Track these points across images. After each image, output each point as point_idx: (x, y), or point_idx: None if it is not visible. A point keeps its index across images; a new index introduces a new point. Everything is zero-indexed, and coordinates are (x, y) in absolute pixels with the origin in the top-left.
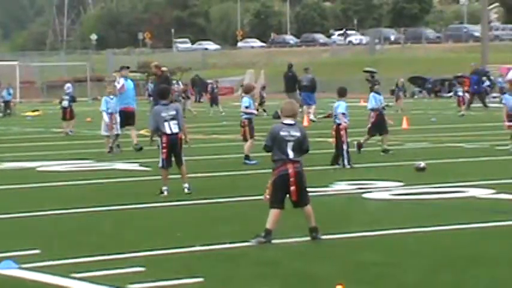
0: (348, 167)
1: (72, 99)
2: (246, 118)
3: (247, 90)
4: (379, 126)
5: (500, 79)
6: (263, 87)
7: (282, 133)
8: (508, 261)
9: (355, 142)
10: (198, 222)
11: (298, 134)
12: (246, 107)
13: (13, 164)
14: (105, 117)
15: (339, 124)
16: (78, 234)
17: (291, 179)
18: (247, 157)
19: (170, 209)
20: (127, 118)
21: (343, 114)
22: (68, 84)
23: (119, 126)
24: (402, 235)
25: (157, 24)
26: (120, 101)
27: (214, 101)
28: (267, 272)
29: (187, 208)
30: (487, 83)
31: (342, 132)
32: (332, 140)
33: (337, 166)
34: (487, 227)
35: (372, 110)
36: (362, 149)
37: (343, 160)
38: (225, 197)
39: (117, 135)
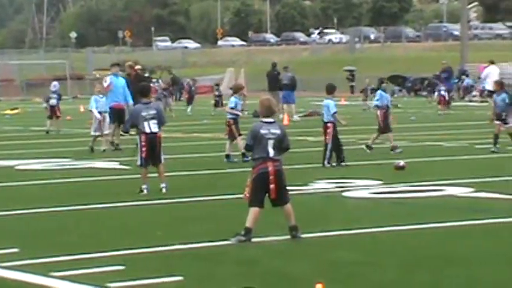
0: (328, 166)
1: (59, 97)
2: (230, 118)
3: (236, 90)
4: (384, 125)
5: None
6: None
7: (262, 131)
8: (485, 260)
9: (364, 144)
10: (178, 221)
11: (278, 131)
12: (232, 108)
13: None
14: (97, 115)
15: (327, 122)
16: (57, 233)
17: (271, 177)
18: (244, 155)
19: (150, 207)
20: (118, 116)
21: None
22: (55, 83)
23: (106, 125)
24: (381, 234)
25: (137, 22)
26: (110, 99)
27: (190, 101)
28: (246, 271)
29: (167, 207)
30: (468, 81)
31: (329, 130)
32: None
33: (342, 164)
34: (466, 225)
35: (378, 107)
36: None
37: (323, 159)
38: (205, 195)
39: (105, 134)
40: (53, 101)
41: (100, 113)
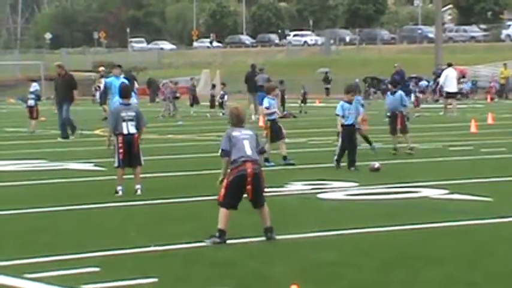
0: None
1: (38, 98)
2: (268, 120)
3: (269, 90)
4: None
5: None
6: (213, 86)
7: (234, 133)
8: (460, 260)
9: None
10: (153, 222)
11: (250, 132)
12: (267, 108)
13: None
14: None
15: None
16: (31, 234)
17: (248, 179)
18: (285, 158)
19: (125, 209)
20: None
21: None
22: (34, 83)
23: None
24: (356, 235)
25: (113, 23)
26: (111, 100)
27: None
28: (222, 272)
29: (142, 208)
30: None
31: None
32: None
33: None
34: (440, 226)
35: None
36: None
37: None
38: (181, 197)
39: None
40: (31, 102)
41: None
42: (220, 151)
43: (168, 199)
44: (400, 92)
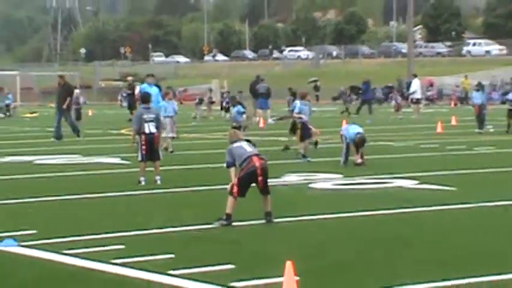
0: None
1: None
2: (299, 121)
3: (302, 96)
4: None
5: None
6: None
7: (234, 145)
8: (429, 241)
9: None
10: (170, 207)
11: (245, 141)
12: (298, 113)
13: (13, 158)
14: (162, 120)
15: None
16: (69, 217)
17: (258, 171)
18: (304, 156)
19: (147, 196)
20: None
21: None
22: (77, 91)
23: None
24: (341, 219)
25: (137, 40)
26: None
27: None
28: (228, 250)
29: (161, 195)
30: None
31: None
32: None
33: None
34: (412, 211)
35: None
36: None
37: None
38: (194, 186)
39: (173, 137)
40: (78, 105)
41: (167, 117)
42: (225, 164)
43: (183, 188)
44: (310, 103)
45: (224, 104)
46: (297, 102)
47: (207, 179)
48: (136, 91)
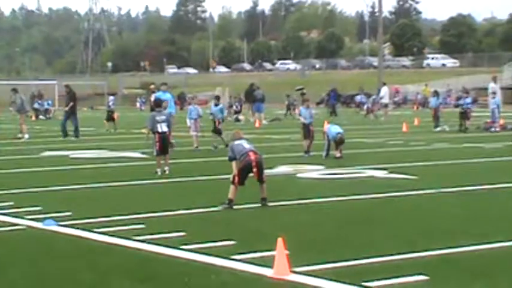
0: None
1: (113, 107)
2: (300, 123)
3: (303, 102)
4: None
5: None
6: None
7: (235, 143)
8: (397, 221)
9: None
10: (183, 194)
11: (245, 140)
12: (300, 115)
13: (53, 153)
14: (187, 121)
15: None
16: (98, 201)
17: (253, 164)
18: (306, 152)
19: (162, 184)
20: None
21: None
22: (112, 96)
23: (197, 127)
24: (325, 202)
25: (154, 55)
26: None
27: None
28: (230, 228)
29: (174, 184)
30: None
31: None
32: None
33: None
34: (382, 197)
35: None
36: None
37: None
38: (200, 176)
39: (198, 134)
40: (110, 107)
41: (191, 119)
42: (228, 158)
43: (191, 178)
44: (310, 108)
45: (235, 107)
46: (301, 108)
47: (211, 171)
48: (152, 98)
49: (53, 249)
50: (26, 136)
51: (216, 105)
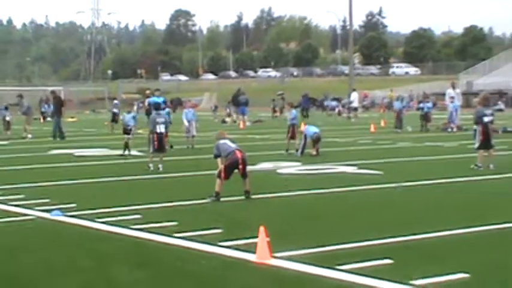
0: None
1: (118, 110)
2: (290, 124)
3: (290, 105)
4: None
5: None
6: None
7: (220, 142)
8: (365, 211)
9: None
10: (174, 187)
11: (228, 139)
12: (291, 118)
13: (59, 151)
14: (185, 123)
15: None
16: (99, 194)
17: (240, 161)
18: (296, 150)
19: (157, 180)
20: None
21: None
22: (116, 100)
23: (193, 129)
24: (302, 195)
25: (150, 64)
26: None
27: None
28: (217, 218)
29: (165, 179)
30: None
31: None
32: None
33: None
34: (352, 190)
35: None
36: None
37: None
38: (190, 171)
39: (193, 135)
40: (115, 110)
41: (189, 121)
42: (213, 156)
43: (181, 173)
44: (294, 110)
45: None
46: (293, 111)
47: (199, 168)
48: (146, 102)
49: (59, 237)
50: (29, 136)
51: (129, 112)
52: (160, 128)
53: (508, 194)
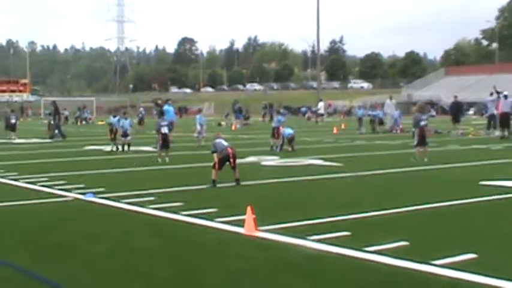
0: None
1: (143, 115)
2: (275, 126)
3: (277, 111)
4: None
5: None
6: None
7: (216, 141)
8: (330, 194)
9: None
10: (180, 176)
11: (223, 138)
12: (278, 121)
13: (92, 147)
14: (197, 126)
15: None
16: (121, 181)
17: (230, 155)
18: (276, 147)
19: (167, 170)
20: (172, 126)
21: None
22: (141, 108)
23: (203, 130)
24: (280, 182)
25: (162, 79)
26: (167, 117)
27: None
28: (213, 200)
29: (171, 169)
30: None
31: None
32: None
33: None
34: (318, 178)
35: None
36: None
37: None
38: (192, 163)
39: (203, 136)
40: (140, 116)
41: (201, 125)
42: (211, 151)
43: (184, 165)
44: (279, 116)
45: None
46: (279, 116)
47: (199, 160)
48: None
49: (91, 214)
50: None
51: (114, 116)
52: (164, 130)
53: (438, 179)
